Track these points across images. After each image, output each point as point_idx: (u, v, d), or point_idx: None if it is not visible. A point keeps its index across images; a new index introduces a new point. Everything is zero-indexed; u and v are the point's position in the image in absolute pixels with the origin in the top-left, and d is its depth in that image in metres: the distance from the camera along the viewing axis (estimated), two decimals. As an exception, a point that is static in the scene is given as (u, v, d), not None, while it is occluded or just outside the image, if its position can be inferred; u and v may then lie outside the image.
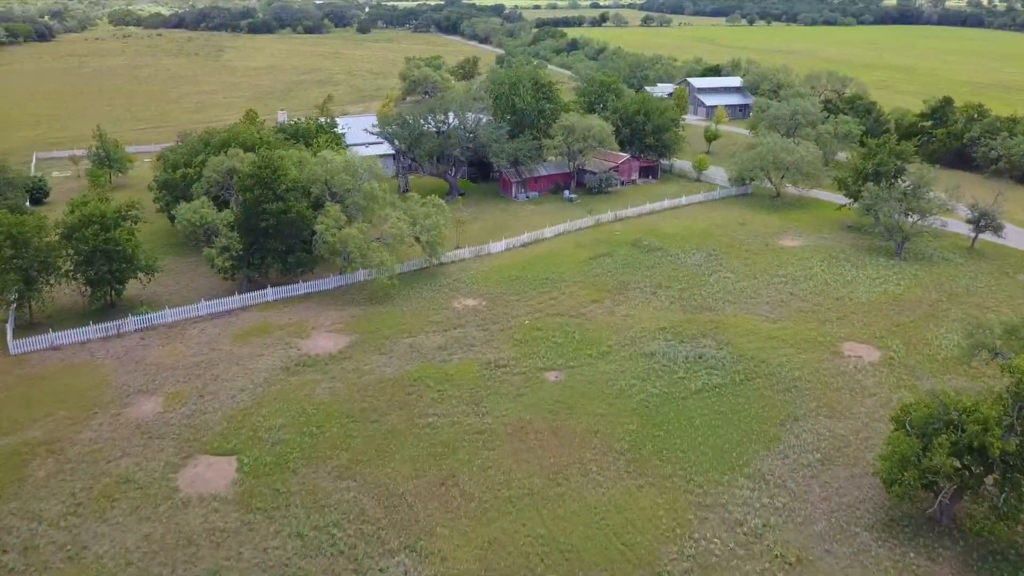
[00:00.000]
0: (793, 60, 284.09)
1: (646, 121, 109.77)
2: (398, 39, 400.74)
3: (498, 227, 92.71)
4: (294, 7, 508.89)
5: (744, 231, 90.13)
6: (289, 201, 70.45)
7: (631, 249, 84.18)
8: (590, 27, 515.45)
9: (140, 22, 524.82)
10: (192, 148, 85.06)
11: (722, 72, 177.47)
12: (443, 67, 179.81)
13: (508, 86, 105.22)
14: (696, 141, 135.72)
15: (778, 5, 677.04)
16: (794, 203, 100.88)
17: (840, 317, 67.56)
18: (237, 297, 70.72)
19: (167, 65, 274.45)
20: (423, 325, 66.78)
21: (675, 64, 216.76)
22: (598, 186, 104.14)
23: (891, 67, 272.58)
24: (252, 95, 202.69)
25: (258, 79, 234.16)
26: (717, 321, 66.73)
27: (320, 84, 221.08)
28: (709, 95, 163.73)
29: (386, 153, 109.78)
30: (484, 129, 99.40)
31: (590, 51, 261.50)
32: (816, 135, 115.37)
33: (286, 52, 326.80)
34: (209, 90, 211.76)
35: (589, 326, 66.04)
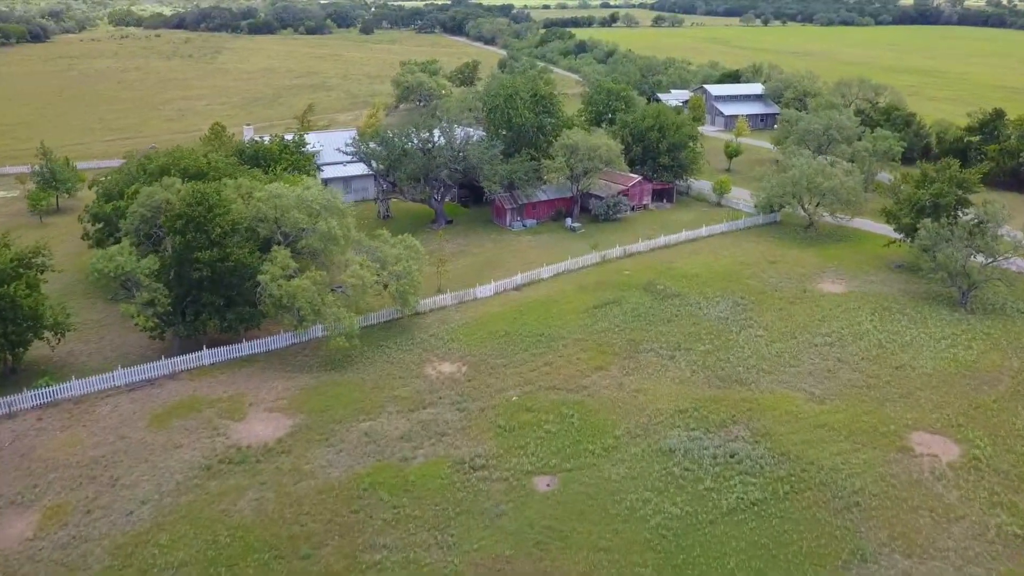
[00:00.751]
0: (812, 63, 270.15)
1: (660, 138, 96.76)
2: (401, 40, 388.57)
3: (488, 263, 79.95)
4: (297, 7, 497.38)
5: (775, 271, 76.97)
6: (227, 246, 57.89)
7: (643, 295, 71.23)
8: (600, 27, 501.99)
9: (140, 22, 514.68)
10: (128, 175, 72.63)
11: (741, 78, 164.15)
12: (440, 72, 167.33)
13: (503, 99, 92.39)
14: (714, 156, 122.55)
15: (792, 5, 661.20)
16: (831, 234, 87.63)
17: (903, 395, 54.42)
18: (164, 361, 58.23)
19: (158, 68, 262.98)
20: (385, 402, 54.10)
21: (689, 68, 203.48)
22: (605, 213, 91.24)
23: (917, 70, 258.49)
24: (239, 101, 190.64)
25: (249, 83, 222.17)
26: (750, 400, 53.75)
27: (313, 89, 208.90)
28: (728, 104, 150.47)
29: (367, 173, 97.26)
30: (474, 148, 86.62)
31: (599, 54, 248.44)
32: (852, 152, 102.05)
33: (283, 54, 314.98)
34: (195, 96, 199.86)
35: (591, 405, 53.18)
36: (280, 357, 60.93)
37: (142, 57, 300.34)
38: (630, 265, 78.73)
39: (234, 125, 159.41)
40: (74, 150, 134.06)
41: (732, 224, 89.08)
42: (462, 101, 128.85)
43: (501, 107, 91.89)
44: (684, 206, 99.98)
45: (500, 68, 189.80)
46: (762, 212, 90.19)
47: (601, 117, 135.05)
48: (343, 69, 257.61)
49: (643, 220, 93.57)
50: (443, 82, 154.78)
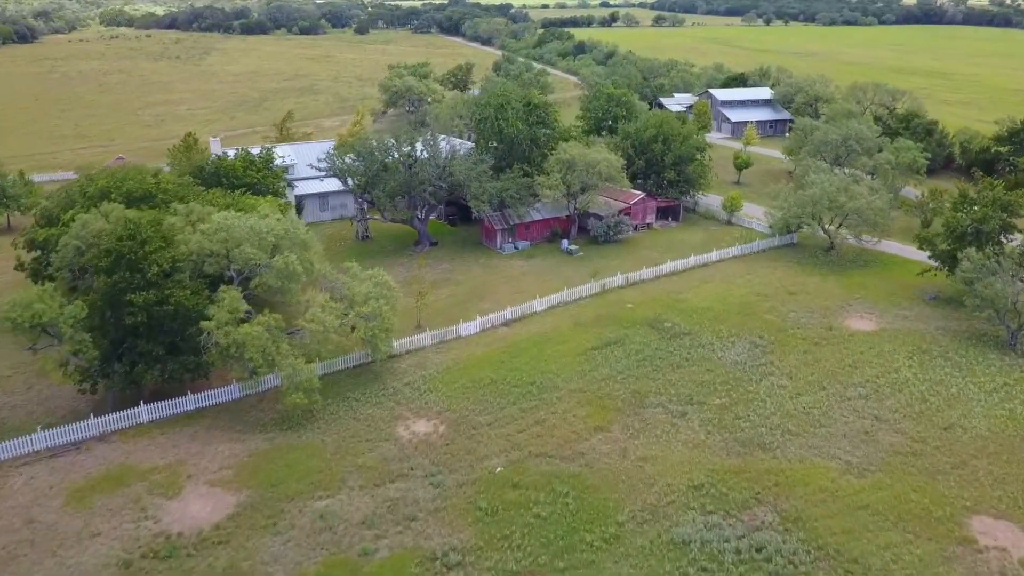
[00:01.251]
0: (815, 64, 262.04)
1: (665, 151, 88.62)
2: (397, 40, 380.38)
3: (475, 292, 71.80)
4: (291, 7, 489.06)
5: (796, 304, 68.77)
6: (166, 287, 49.74)
7: (648, 333, 63.08)
8: (599, 27, 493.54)
9: (132, 22, 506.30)
10: (69, 197, 64.45)
11: (748, 82, 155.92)
12: (431, 75, 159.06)
13: (494, 108, 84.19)
14: (722, 166, 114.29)
15: (794, 4, 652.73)
16: (854, 259, 79.41)
17: (956, 464, 46.29)
18: (93, 421, 50.09)
19: (144, 70, 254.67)
20: (348, 473, 45.99)
21: (692, 71, 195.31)
22: (605, 234, 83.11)
23: (925, 72, 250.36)
24: (223, 105, 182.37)
25: (235, 86, 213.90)
26: (776, 471, 45.63)
27: (300, 93, 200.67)
28: (735, 109, 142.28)
29: (346, 189, 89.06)
30: (461, 164, 78.46)
31: (598, 55, 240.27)
32: (873, 165, 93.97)
33: (274, 55, 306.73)
34: (177, 100, 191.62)
35: (590, 480, 45.05)
36: (231, 412, 52.79)
37: (129, 58, 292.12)
38: (633, 296, 70.57)
39: (214, 132, 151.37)
40: (40, 160, 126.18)
41: (745, 247, 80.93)
42: (453, 107, 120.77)
43: (491, 118, 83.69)
44: (691, 224, 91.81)
45: (495, 71, 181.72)
46: (778, 233, 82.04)
47: (600, 124, 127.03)
48: (334, 71, 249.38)
49: (647, 241, 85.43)
50: (434, 86, 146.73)
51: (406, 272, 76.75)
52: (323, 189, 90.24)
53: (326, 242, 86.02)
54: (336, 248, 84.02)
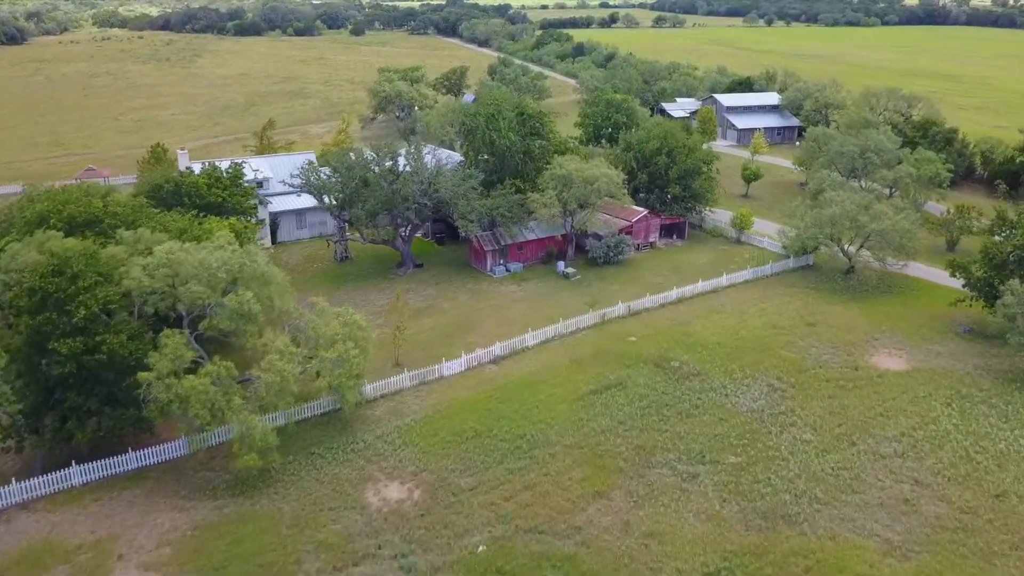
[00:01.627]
0: (820, 66, 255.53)
1: (669, 164, 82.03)
2: (393, 42, 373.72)
3: (461, 323, 65.19)
4: (286, 8, 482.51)
5: (816, 338, 62.16)
6: (98, 331, 43.16)
7: (653, 373, 56.50)
8: (599, 28, 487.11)
9: (125, 23, 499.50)
10: (6, 221, 57.81)
11: (754, 86, 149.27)
12: (423, 79, 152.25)
13: (484, 119, 77.56)
14: (728, 177, 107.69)
15: (796, 5, 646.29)
16: (877, 283, 72.70)
17: (1015, 544, 39.67)
18: (15, 486, 43.50)
19: (131, 73, 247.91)
20: (305, 552, 39.41)
21: (695, 74, 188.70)
22: (604, 255, 76.49)
23: (933, 74, 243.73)
24: (208, 111, 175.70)
25: (223, 90, 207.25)
26: (805, 551, 39.03)
27: (289, 97, 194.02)
28: (741, 116, 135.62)
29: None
30: (447, 180, 71.87)
31: (598, 57, 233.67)
32: (894, 178, 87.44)
33: (266, 57, 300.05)
34: (161, 104, 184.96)
35: (587, 563, 38.45)
36: (178, 472, 46.18)
37: (117, 60, 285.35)
38: (636, 328, 63.95)
39: (194, 139, 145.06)
40: (8, 170, 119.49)
41: (758, 270, 74.27)
42: (444, 115, 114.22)
43: (481, 128, 77.04)
44: (698, 243, 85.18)
45: (490, 75, 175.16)
46: (793, 255, 75.40)
47: (600, 132, 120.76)
48: (326, 74, 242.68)
49: (650, 262, 78.82)
50: (425, 91, 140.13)
51: (387, 298, 70.21)
52: (300, 205, 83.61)
53: (302, 263, 79.60)
54: (312, 270, 77.51)
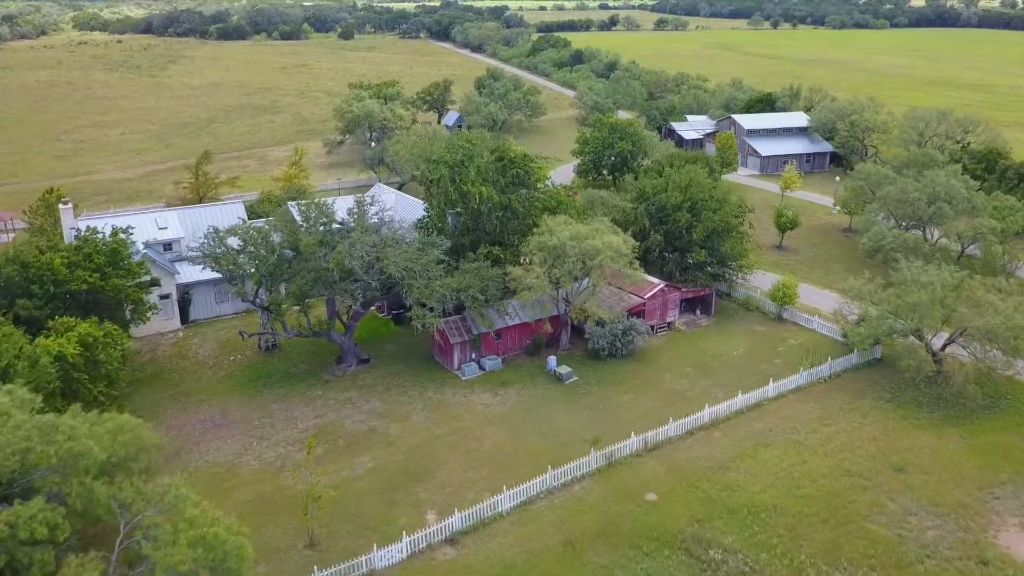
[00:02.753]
0: (837, 73, 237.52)
1: (692, 221, 63.80)
2: (382, 47, 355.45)
3: (410, 466, 46.82)
4: (273, 10, 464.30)
5: (911, 494, 43.78)
6: None
7: (680, 564, 38.19)
8: (599, 31, 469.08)
9: (107, 26, 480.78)
10: None
11: (777, 104, 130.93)
12: (400, 96, 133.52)
13: (449, 167, 59.22)
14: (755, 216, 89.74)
15: (802, 6, 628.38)
16: (976, 392, 54.28)
17: None
18: None
19: (94, 82, 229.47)
20: None
21: (706, 86, 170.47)
22: (610, 346, 58.15)
23: (961, 84, 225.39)
24: (162, 129, 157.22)
25: (186, 103, 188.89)
26: None
27: (256, 112, 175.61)
28: (764, 140, 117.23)
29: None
30: (399, 254, 53.52)
31: (598, 66, 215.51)
32: (972, 233, 69.29)
33: (245, 63, 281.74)
34: (113, 121, 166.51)
35: None
36: None
37: (85, 68, 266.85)
38: (656, 474, 45.60)
39: (137, 166, 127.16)
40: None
41: (814, 372, 55.91)
42: (416, 144, 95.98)
43: (446, 181, 58.73)
44: (728, 320, 66.80)
45: (478, 88, 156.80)
46: (858, 348, 57.08)
47: (601, 160, 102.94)
48: (303, 84, 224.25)
49: (669, 354, 60.50)
50: (401, 112, 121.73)
51: (315, 414, 52.03)
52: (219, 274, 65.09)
53: (217, 353, 61.27)
54: (228, 365, 59.20)
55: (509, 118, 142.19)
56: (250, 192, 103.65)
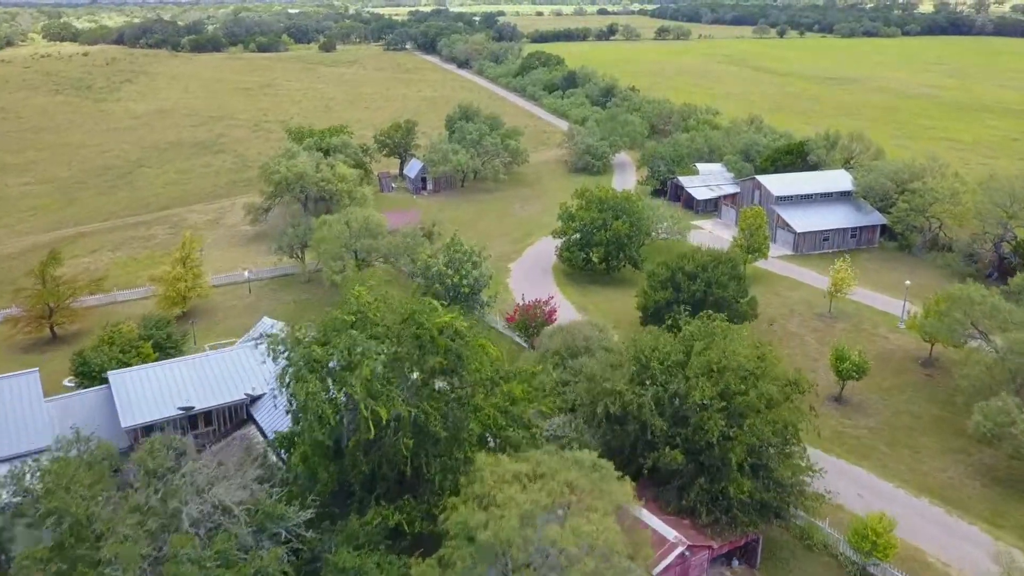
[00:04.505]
0: (859, 96, 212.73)
1: (730, 428, 39.39)
2: (363, 60, 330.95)
3: None
4: (252, 19, 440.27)
5: None
6: None
7: None
8: (597, 41, 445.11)
9: (77, 36, 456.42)
10: None
11: (809, 155, 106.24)
12: (347, 148, 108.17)
13: (313, 381, 34.78)
14: (793, 316, 65.53)
15: (808, 13, 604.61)
16: None
17: None
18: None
19: (28, 109, 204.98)
20: None
21: (717, 121, 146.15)
22: None
23: (1000, 108, 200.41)
24: (71, 178, 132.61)
25: (119, 138, 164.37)
26: None
27: (195, 151, 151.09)
28: (798, 210, 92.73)
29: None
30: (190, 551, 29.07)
31: (593, 90, 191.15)
32: None
33: (206, 83, 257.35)
34: (23, 164, 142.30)
35: None
36: None
37: (28, 89, 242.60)
38: None
39: (22, 233, 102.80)
40: None
41: None
42: (341, 233, 71.83)
43: (318, 405, 34.28)
44: (779, 571, 42.39)
45: (448, 128, 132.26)
46: None
47: (587, 243, 79.33)
48: (262, 111, 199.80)
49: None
50: (344, 171, 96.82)
51: None
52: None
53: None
54: None
55: (483, 168, 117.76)
56: (124, 291, 79.49)
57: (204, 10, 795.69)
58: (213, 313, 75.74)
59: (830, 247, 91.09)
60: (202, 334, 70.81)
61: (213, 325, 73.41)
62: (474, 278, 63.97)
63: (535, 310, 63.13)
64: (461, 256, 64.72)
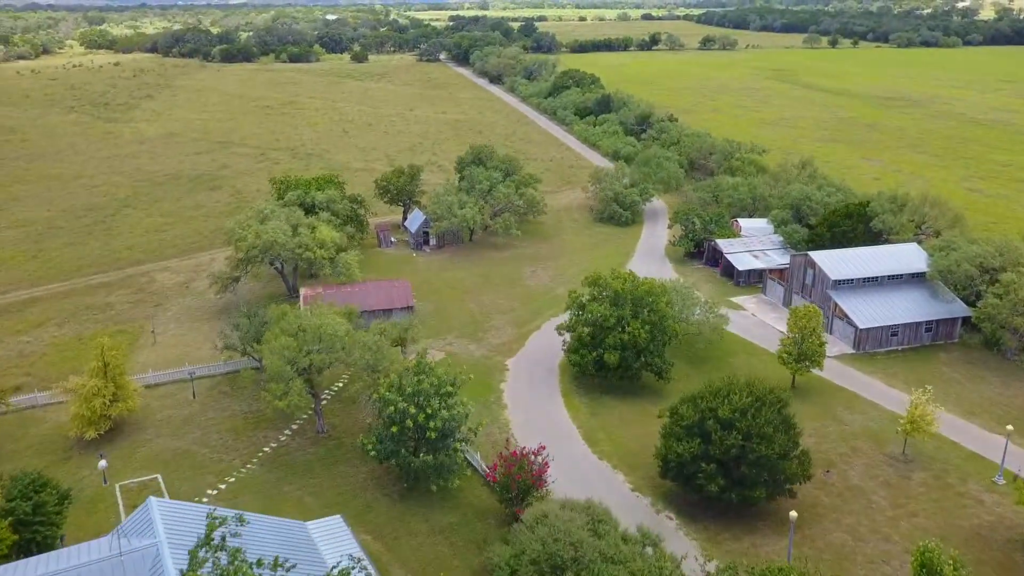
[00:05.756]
0: (922, 123, 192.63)
1: None
2: (394, 73, 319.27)
3: None
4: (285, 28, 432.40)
5: None
6: None
7: None
8: (638, 51, 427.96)
9: (113, 44, 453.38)
10: None
11: (872, 219, 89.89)
12: (331, 206, 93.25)
13: None
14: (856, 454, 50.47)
15: (861, 21, 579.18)
16: None
17: None
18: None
19: (38, 130, 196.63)
20: None
21: (763, 162, 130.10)
22: None
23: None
24: (50, 220, 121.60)
25: (115, 169, 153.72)
26: None
27: (193, 186, 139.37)
28: (861, 298, 76.70)
29: None
30: None
31: (627, 116, 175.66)
32: None
33: (227, 98, 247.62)
34: (3, 200, 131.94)
35: None
36: None
37: (46, 105, 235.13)
38: None
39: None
40: None
41: None
42: (286, 347, 58.23)
43: None
44: None
45: (459, 172, 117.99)
46: None
47: (603, 341, 64.93)
48: (275, 133, 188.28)
49: None
50: (326, 235, 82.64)
51: None
52: None
53: None
54: None
55: (493, 223, 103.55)
56: (45, 394, 66.78)
57: (245, 15, 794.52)
58: (142, 429, 62.74)
59: (899, 343, 74.97)
60: (120, 462, 57.92)
61: (137, 447, 60.41)
62: (443, 420, 49.80)
63: (520, 467, 48.81)
64: (428, 389, 50.64)
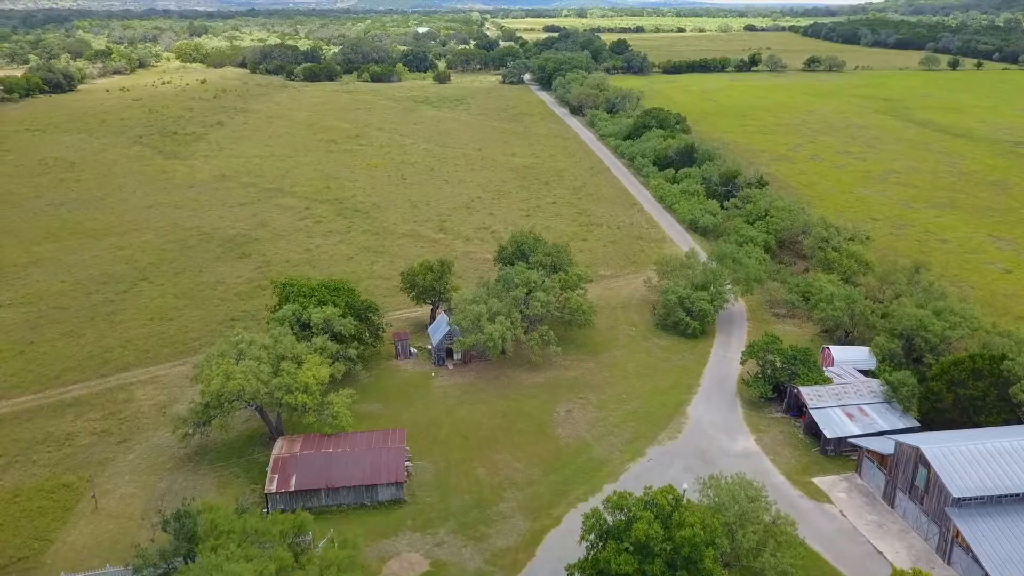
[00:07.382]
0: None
1: None
2: (472, 98, 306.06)
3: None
4: (367, 48, 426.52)
5: None
6: None
7: None
8: (736, 72, 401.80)
9: (205, 58, 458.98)
10: None
11: (1009, 379, 69.07)
12: (332, 327, 78.02)
13: None
14: None
15: (985, 38, 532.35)
16: None
17: None
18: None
19: (94, 167, 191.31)
20: None
21: (865, 255, 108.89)
22: None
23: None
24: (27, 320, 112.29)
25: (154, 219, 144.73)
26: None
27: (222, 251, 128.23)
28: (993, 522, 56.05)
29: None
30: None
31: (711, 173, 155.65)
32: None
33: (297, 128, 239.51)
34: (9, 266, 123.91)
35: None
36: None
37: (115, 134, 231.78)
38: None
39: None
40: None
41: None
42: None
43: None
44: None
45: (501, 262, 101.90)
46: None
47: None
48: (326, 179, 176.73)
49: None
50: (312, 374, 67.71)
51: None
52: None
53: None
54: None
55: (526, 337, 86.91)
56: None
57: (342, 24, 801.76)
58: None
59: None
60: None
61: None
62: None
63: None
64: None
